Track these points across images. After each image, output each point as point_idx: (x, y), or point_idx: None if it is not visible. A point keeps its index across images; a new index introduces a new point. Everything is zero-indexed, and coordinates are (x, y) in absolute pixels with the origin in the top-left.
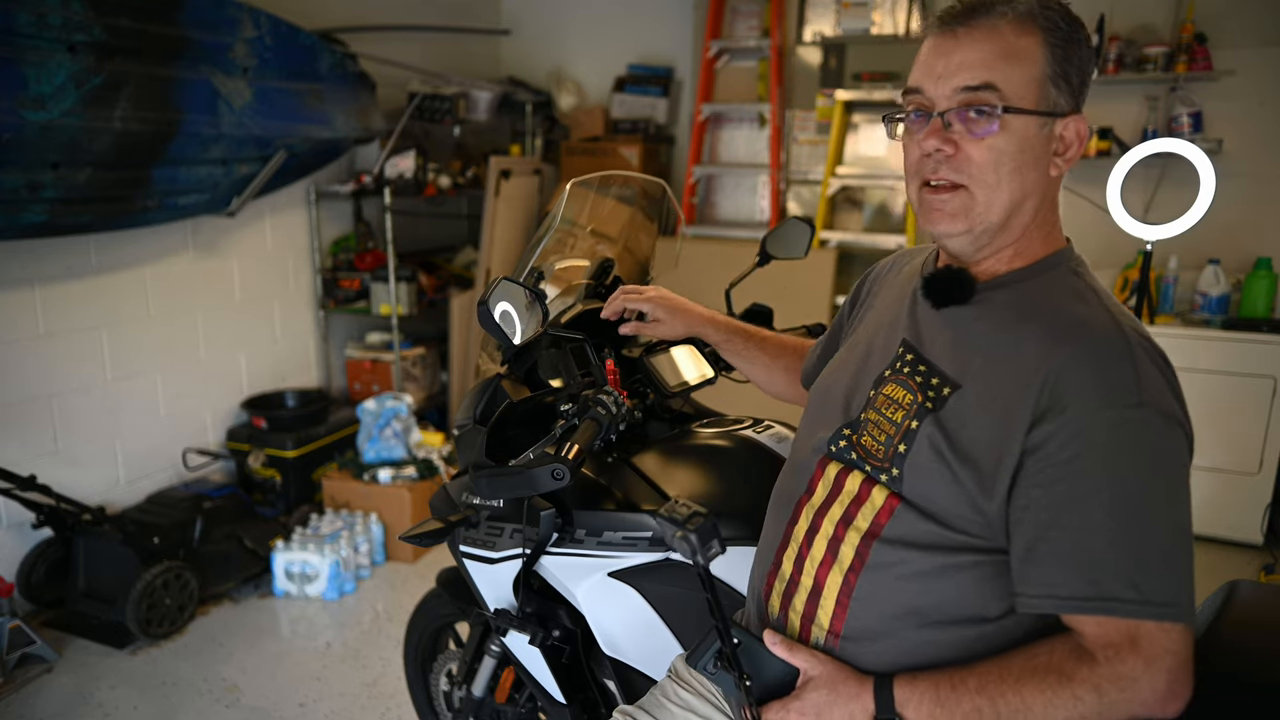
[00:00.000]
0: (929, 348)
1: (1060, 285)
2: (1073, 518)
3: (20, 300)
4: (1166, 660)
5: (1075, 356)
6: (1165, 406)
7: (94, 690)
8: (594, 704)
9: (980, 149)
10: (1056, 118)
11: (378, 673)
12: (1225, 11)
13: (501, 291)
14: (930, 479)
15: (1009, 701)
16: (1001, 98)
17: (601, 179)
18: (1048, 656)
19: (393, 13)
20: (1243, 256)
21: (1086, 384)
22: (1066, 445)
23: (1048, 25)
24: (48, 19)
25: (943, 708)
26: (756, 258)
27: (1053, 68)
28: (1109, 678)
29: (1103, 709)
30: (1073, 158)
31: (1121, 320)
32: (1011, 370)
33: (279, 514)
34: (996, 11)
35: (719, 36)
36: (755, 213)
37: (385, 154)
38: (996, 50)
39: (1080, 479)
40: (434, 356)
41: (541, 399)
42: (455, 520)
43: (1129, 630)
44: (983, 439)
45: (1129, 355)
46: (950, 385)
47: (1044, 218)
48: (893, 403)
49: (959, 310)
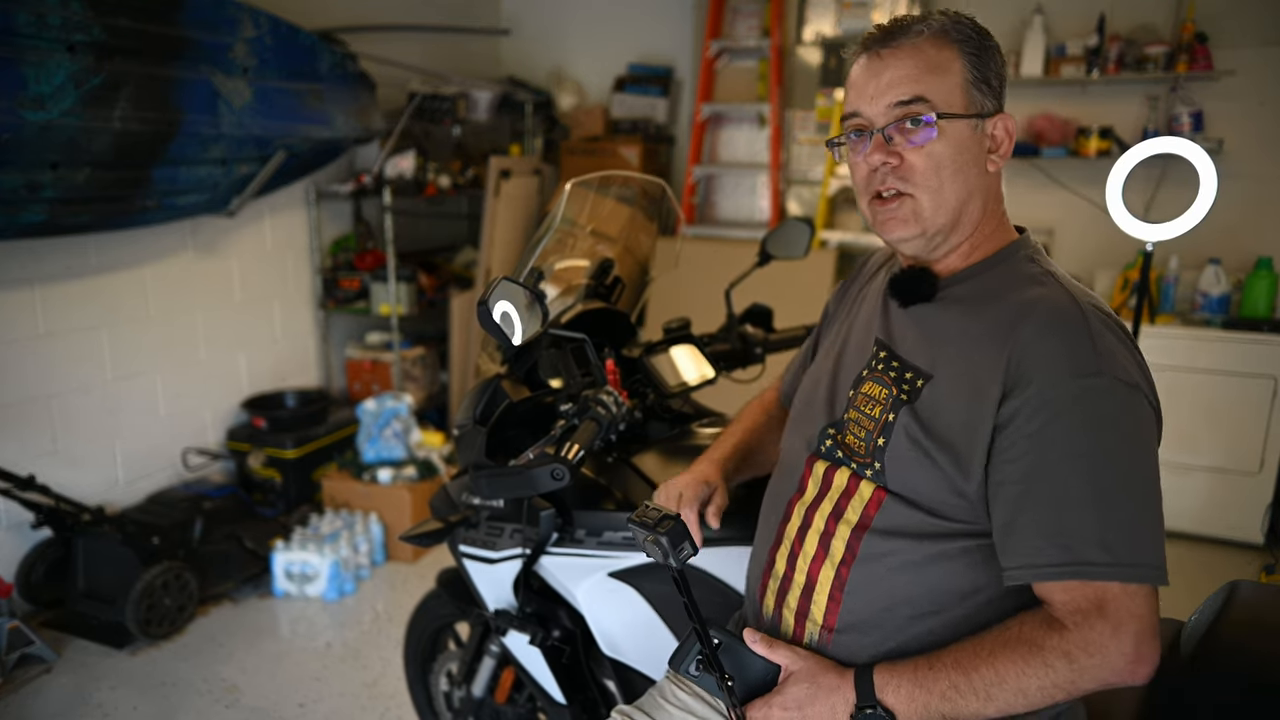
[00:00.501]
0: (900, 344)
1: (1017, 272)
2: (1043, 487)
3: (20, 300)
4: (1133, 624)
5: (1035, 333)
6: (1125, 375)
7: (93, 690)
8: (594, 704)
9: (921, 156)
10: (985, 118)
11: (378, 673)
12: (1225, 11)
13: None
14: (910, 468)
15: (983, 674)
16: (932, 107)
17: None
18: (1019, 628)
19: (393, 13)
20: (1243, 256)
21: (1047, 358)
22: (1033, 418)
23: (961, 38)
24: (47, 19)
25: (921, 687)
26: (756, 258)
27: (973, 74)
28: (1078, 644)
29: (1074, 675)
30: (1005, 153)
31: (1077, 296)
32: (978, 354)
33: (279, 514)
34: (913, 31)
35: (719, 36)
36: (755, 213)
37: (385, 154)
38: (921, 65)
39: (1048, 449)
40: (434, 356)
41: (541, 399)
42: (455, 520)
43: (1096, 596)
44: (956, 422)
45: (1085, 328)
46: (922, 377)
47: (992, 211)
48: (871, 399)
49: (925, 307)
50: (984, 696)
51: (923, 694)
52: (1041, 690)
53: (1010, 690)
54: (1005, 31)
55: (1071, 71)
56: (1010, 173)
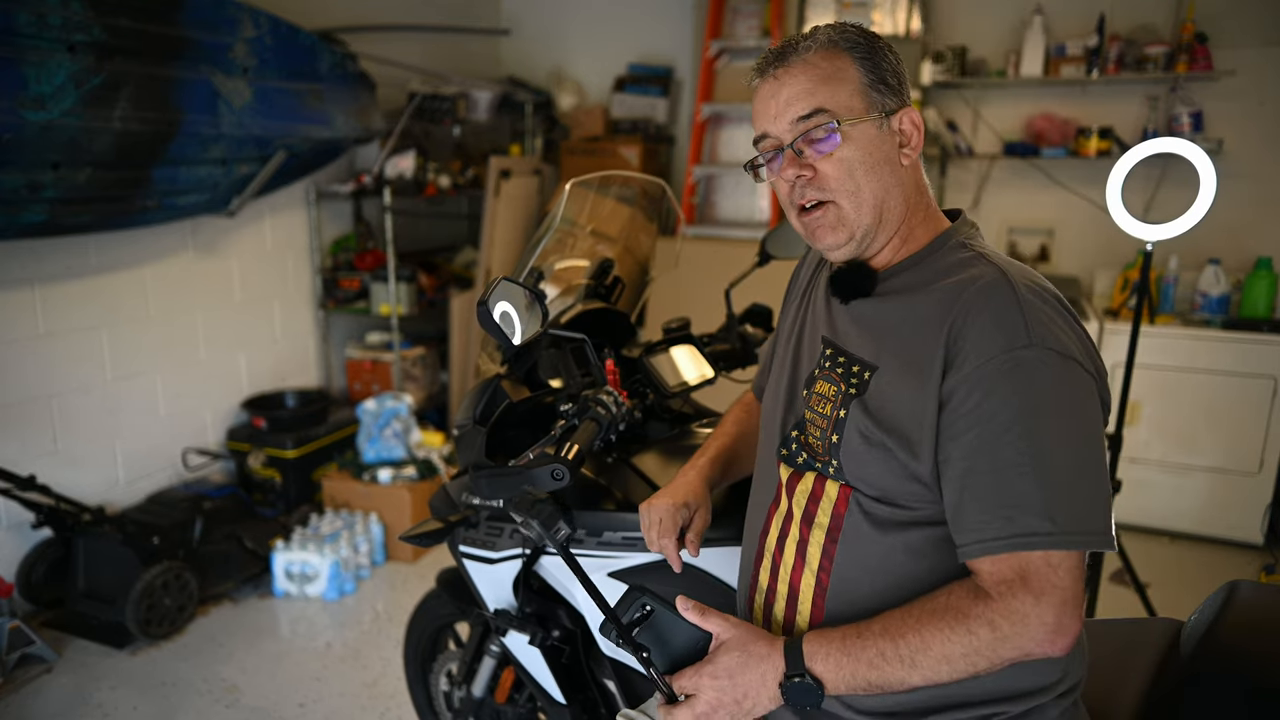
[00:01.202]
0: (845, 339)
1: (950, 258)
2: (984, 461)
3: (20, 300)
4: (1054, 595)
5: (968, 311)
6: (1058, 345)
7: (94, 690)
8: (594, 704)
9: (831, 164)
10: (889, 115)
11: (378, 673)
12: (1225, 11)
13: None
14: (865, 462)
15: (909, 641)
16: (832, 115)
17: (601, 179)
18: (946, 597)
19: (393, 13)
20: (1243, 256)
21: (980, 334)
22: (970, 394)
23: (849, 45)
24: (48, 19)
25: (849, 655)
26: (756, 258)
27: (868, 76)
28: (1001, 612)
29: (995, 642)
30: (916, 146)
31: (1009, 272)
32: (918, 339)
33: (279, 514)
34: (802, 48)
35: (719, 36)
36: (755, 213)
37: (385, 154)
38: (814, 78)
39: (986, 423)
40: (434, 356)
41: (541, 399)
42: (455, 520)
43: (1020, 566)
44: (904, 409)
45: (1015, 302)
46: (869, 369)
47: (916, 204)
48: (823, 398)
49: (865, 301)
50: (909, 663)
51: (850, 662)
52: (965, 657)
53: (935, 656)
54: (1005, 32)
55: (1071, 71)
56: (1010, 173)
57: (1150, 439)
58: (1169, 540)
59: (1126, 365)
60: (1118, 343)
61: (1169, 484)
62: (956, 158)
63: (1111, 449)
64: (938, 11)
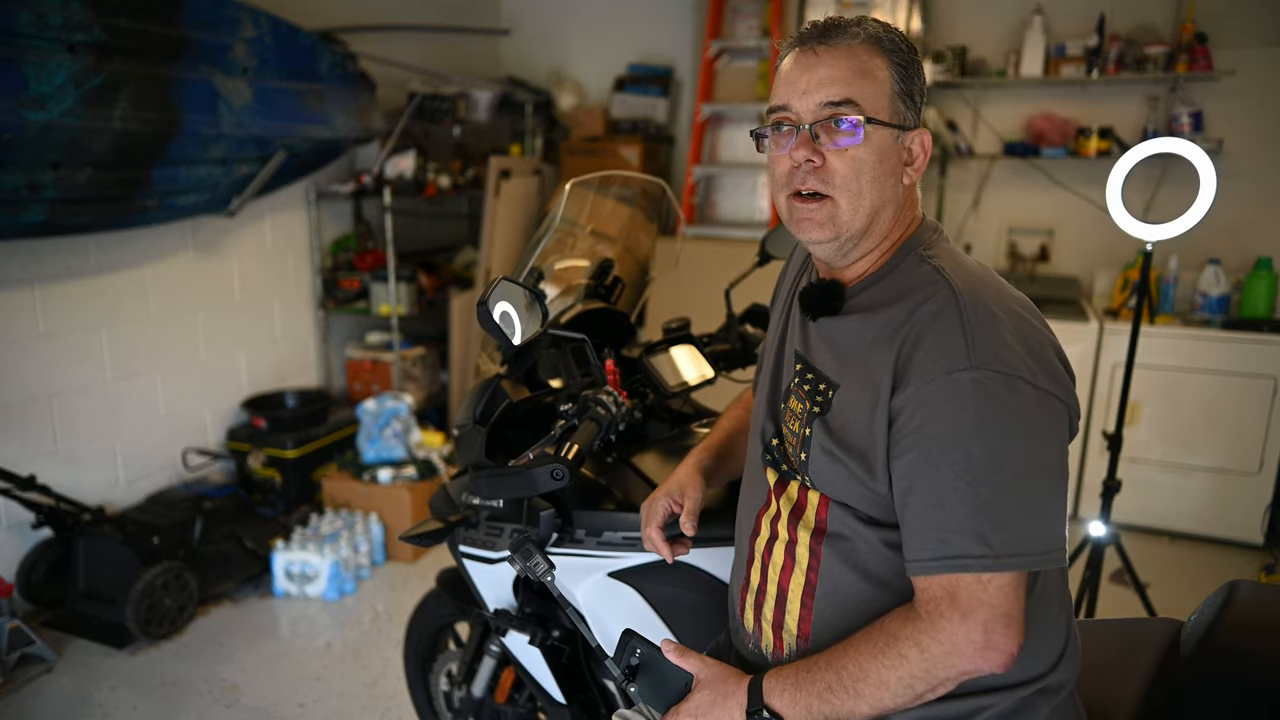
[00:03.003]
0: (815, 355)
1: (910, 272)
2: (922, 482)
3: (20, 300)
4: (982, 613)
5: (914, 333)
6: (1002, 365)
7: (94, 690)
8: (594, 704)
9: (844, 160)
10: (906, 131)
11: (378, 673)
12: (1225, 11)
13: (501, 291)
14: (830, 478)
15: (850, 670)
16: (861, 110)
17: (601, 179)
18: (882, 623)
19: (393, 13)
20: (1243, 256)
21: (924, 356)
22: (913, 416)
23: (891, 48)
24: (48, 19)
25: (801, 689)
26: (756, 258)
27: (899, 85)
28: (928, 632)
29: (927, 664)
30: (920, 168)
31: (960, 290)
32: (873, 359)
33: (279, 514)
34: (850, 33)
35: (719, 36)
36: (755, 213)
37: (385, 154)
38: (853, 68)
39: (926, 445)
40: (434, 356)
41: (541, 399)
42: (455, 520)
43: (949, 585)
44: (861, 428)
45: (959, 323)
46: (832, 387)
47: (898, 222)
48: (794, 415)
49: (832, 319)
50: (854, 693)
51: (804, 696)
52: (900, 681)
53: (874, 684)
54: (1005, 32)
55: (1071, 71)
56: (1010, 173)
57: (1150, 439)
58: (1169, 540)
59: (1126, 365)
60: (1118, 343)
61: (1169, 484)
62: (956, 158)
63: (1111, 449)
64: (938, 11)
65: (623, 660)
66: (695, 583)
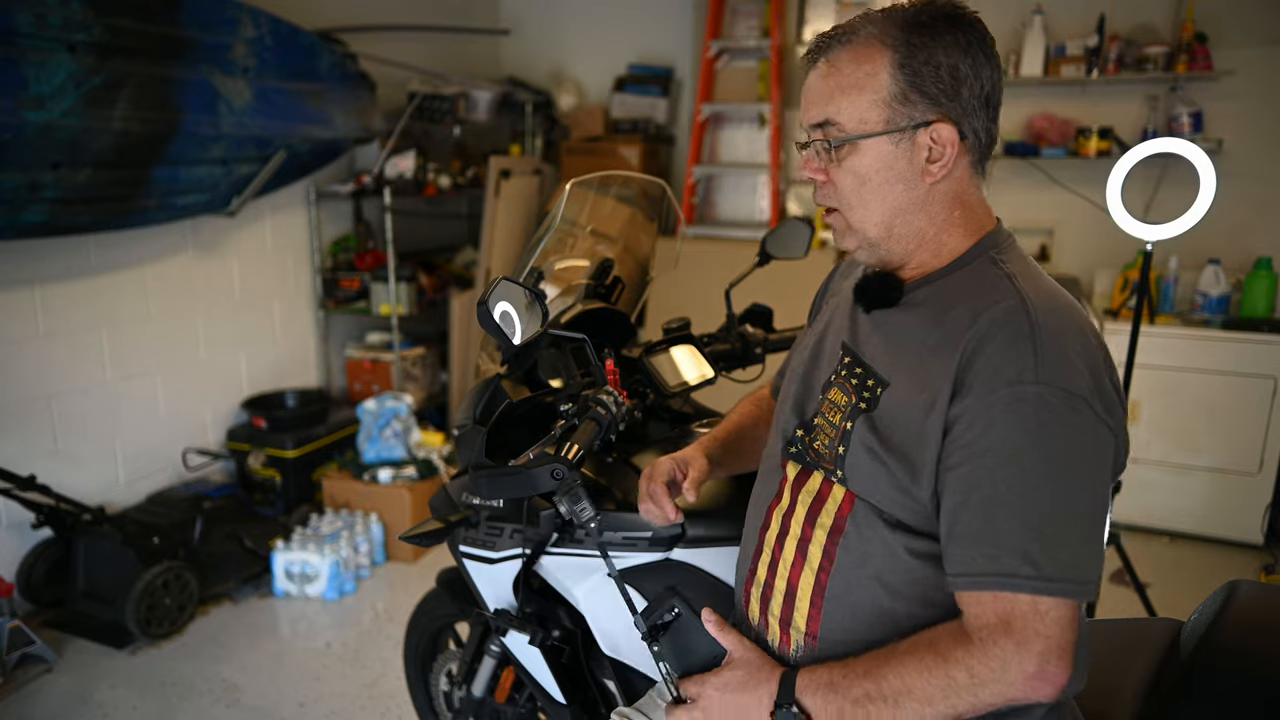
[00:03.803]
0: (864, 349)
1: (978, 276)
2: (977, 495)
3: (20, 300)
4: (1037, 644)
5: (980, 340)
6: (1067, 384)
7: (94, 690)
8: (594, 704)
9: (842, 175)
10: (915, 129)
11: (378, 673)
12: (1225, 11)
13: (501, 291)
14: (867, 477)
15: (891, 683)
16: (841, 129)
17: (601, 179)
18: (930, 638)
19: (393, 13)
20: (1243, 256)
21: (987, 365)
22: (971, 426)
23: (893, 42)
24: (48, 19)
25: (836, 693)
26: (756, 258)
27: (898, 85)
28: (981, 658)
29: (975, 688)
30: (947, 162)
31: (1032, 301)
32: (932, 362)
33: (279, 514)
34: (839, 42)
35: (719, 36)
36: (755, 213)
37: (385, 154)
38: (834, 86)
39: (982, 458)
40: (434, 356)
41: (541, 399)
42: (455, 520)
43: (1004, 611)
44: (910, 431)
45: (1029, 335)
46: (882, 384)
47: (948, 219)
48: (834, 406)
49: (889, 312)
50: (893, 704)
51: (837, 699)
52: (946, 701)
53: (918, 700)
54: (1005, 32)
55: (1071, 71)
56: (1010, 173)
57: (1150, 439)
58: (1169, 540)
59: (1126, 365)
60: (1118, 343)
61: (1169, 484)
62: None
63: None
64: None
65: (656, 613)
66: (695, 583)
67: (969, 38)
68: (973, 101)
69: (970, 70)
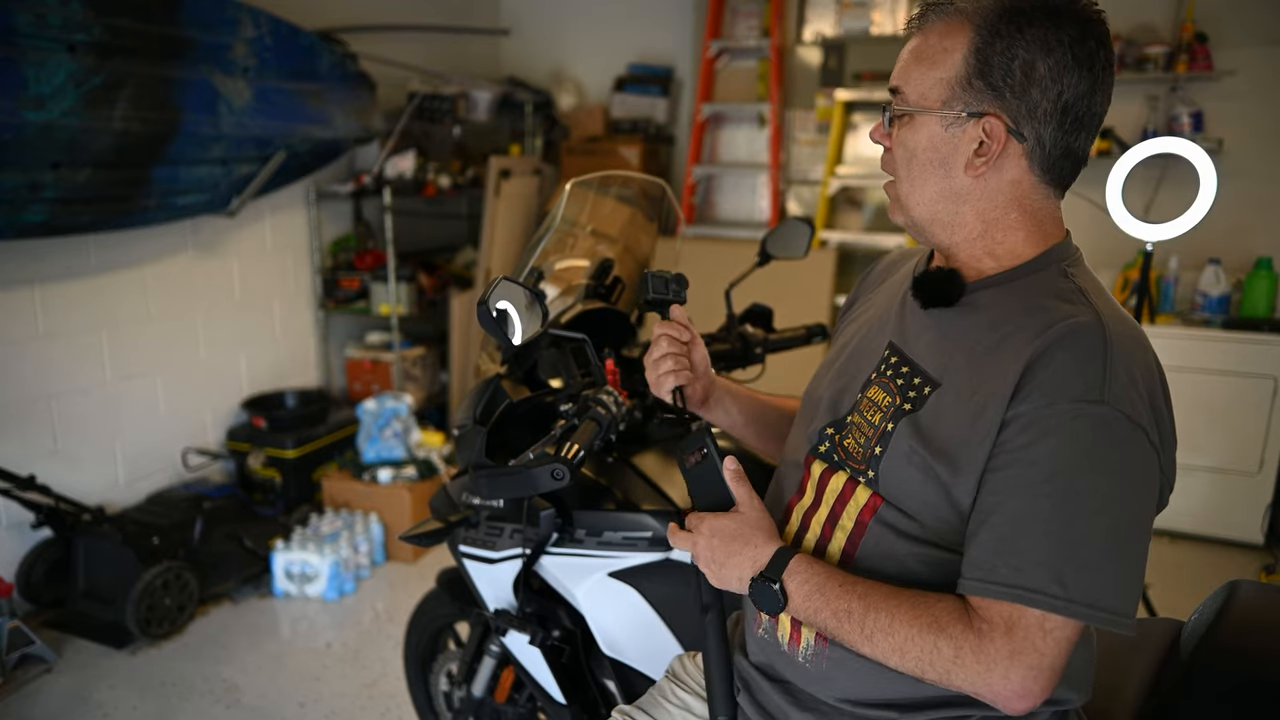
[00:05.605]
0: (913, 347)
1: (1047, 285)
2: (1015, 503)
3: (20, 300)
4: (1031, 658)
5: (1049, 349)
6: (1130, 409)
7: (94, 690)
8: (594, 704)
9: (898, 145)
10: (965, 117)
11: (378, 673)
12: (1225, 11)
13: (501, 291)
14: (905, 480)
15: (878, 617)
16: (904, 100)
17: (601, 179)
18: (935, 603)
19: (393, 13)
20: (1243, 256)
21: (1053, 376)
22: (1024, 432)
23: (982, 21)
24: (48, 19)
25: (822, 595)
26: (756, 258)
27: (969, 67)
28: (973, 646)
29: (952, 668)
30: (990, 159)
31: (1107, 320)
32: (989, 367)
33: (279, 514)
34: (936, 11)
35: (719, 36)
36: (755, 213)
37: (385, 154)
38: (915, 54)
39: (1029, 466)
40: (434, 356)
41: (541, 399)
42: (455, 520)
43: (1011, 617)
44: (959, 434)
45: (1101, 353)
46: (931, 384)
47: (1002, 219)
48: (874, 405)
49: (945, 311)
50: (867, 635)
51: (819, 599)
52: (918, 660)
53: (893, 643)
54: None
55: None
56: None
57: None
58: (1169, 540)
59: None
60: None
61: None
62: None
63: None
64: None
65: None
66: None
67: (1063, 37)
68: (1044, 105)
69: (1048, 72)
